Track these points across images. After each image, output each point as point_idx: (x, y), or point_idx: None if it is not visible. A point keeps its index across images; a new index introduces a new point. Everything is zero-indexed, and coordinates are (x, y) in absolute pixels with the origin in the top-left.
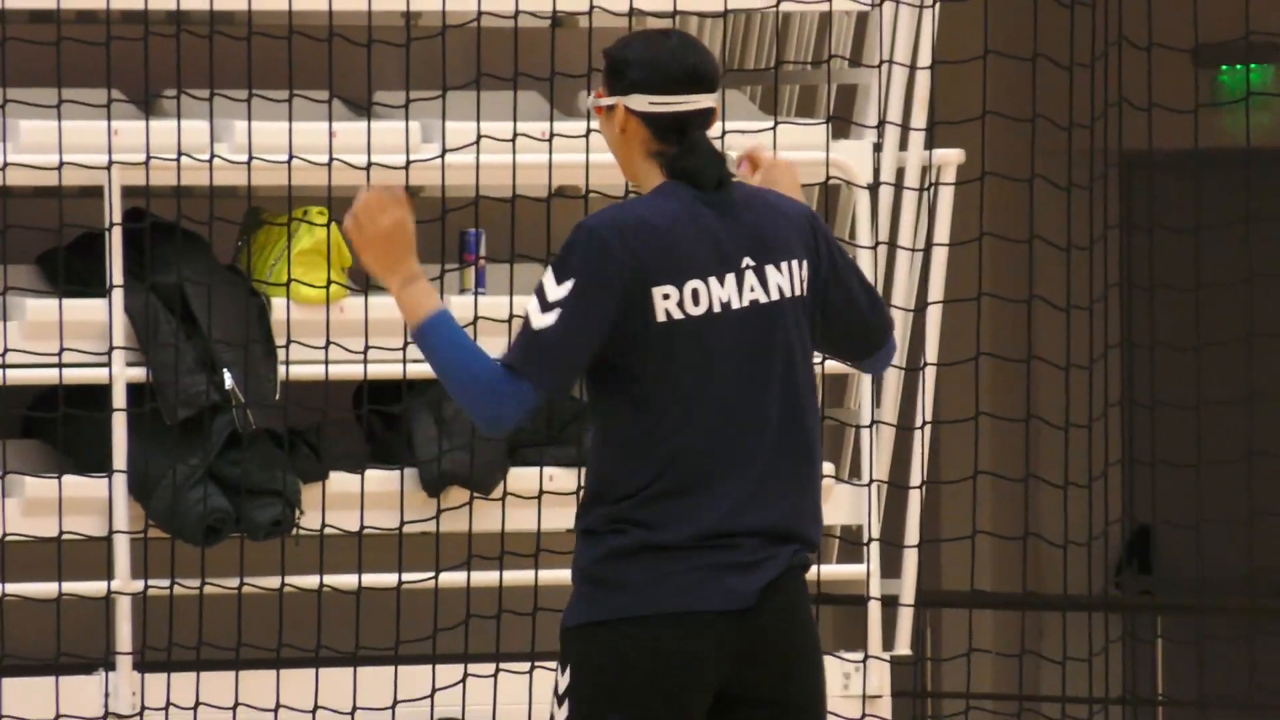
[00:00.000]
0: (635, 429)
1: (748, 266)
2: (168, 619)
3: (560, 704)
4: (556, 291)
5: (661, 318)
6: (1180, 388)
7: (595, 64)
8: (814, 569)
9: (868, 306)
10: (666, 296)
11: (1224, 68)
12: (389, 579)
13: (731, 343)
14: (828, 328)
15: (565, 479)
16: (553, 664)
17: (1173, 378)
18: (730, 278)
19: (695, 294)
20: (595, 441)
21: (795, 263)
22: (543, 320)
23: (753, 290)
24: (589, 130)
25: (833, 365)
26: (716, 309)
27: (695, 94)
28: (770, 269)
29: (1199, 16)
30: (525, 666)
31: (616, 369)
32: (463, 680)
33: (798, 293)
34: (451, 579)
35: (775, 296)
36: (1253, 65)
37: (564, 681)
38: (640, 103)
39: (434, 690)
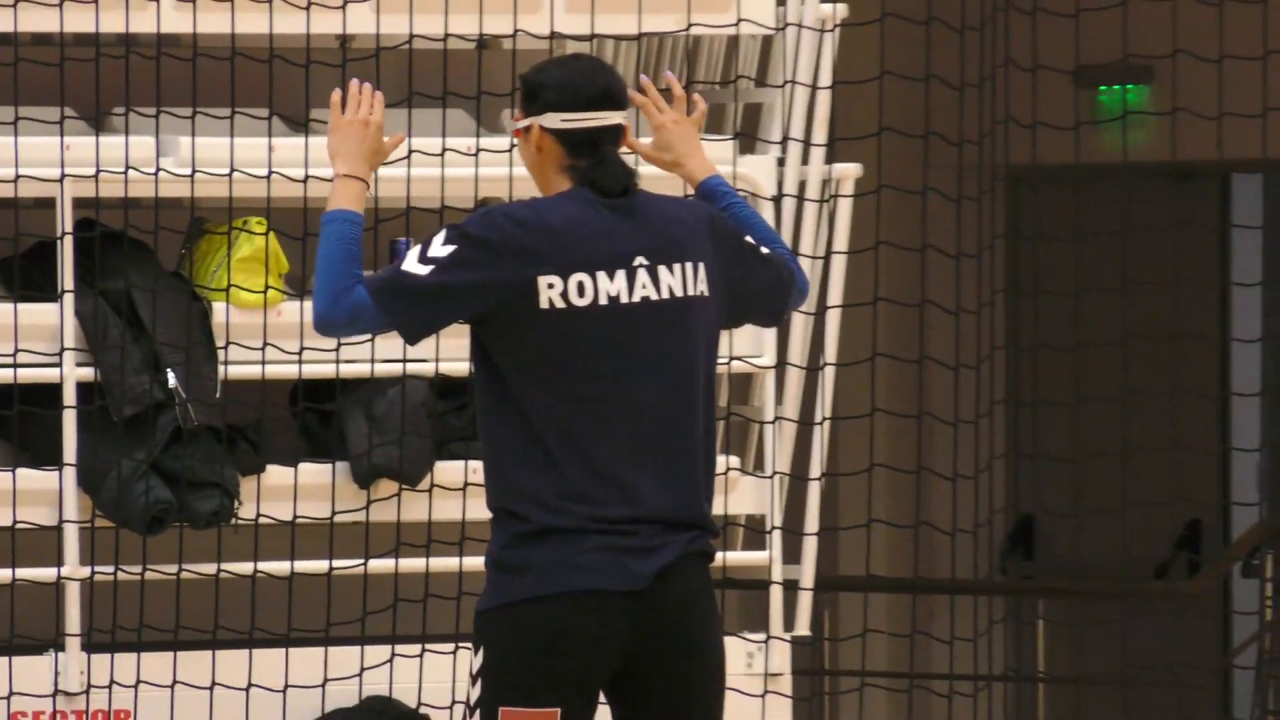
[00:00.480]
0: (529, 419)
1: (640, 265)
2: (112, 603)
3: (474, 683)
4: (438, 250)
5: (545, 305)
6: (1060, 387)
7: (518, 84)
8: (720, 555)
9: (772, 285)
10: (551, 286)
11: (1103, 88)
12: (320, 565)
13: (621, 334)
14: (741, 313)
15: None
16: (448, 646)
17: (1054, 377)
18: (620, 274)
19: (580, 286)
20: (489, 434)
21: (691, 265)
22: (414, 268)
23: (644, 287)
24: (512, 146)
25: (739, 365)
26: (603, 301)
27: (605, 111)
28: (663, 269)
29: (1079, 40)
30: (450, 647)
31: (507, 357)
32: (390, 660)
33: (693, 292)
34: (380, 565)
35: (667, 295)
36: (1129, 86)
37: (477, 662)
38: (554, 120)
39: (362, 670)
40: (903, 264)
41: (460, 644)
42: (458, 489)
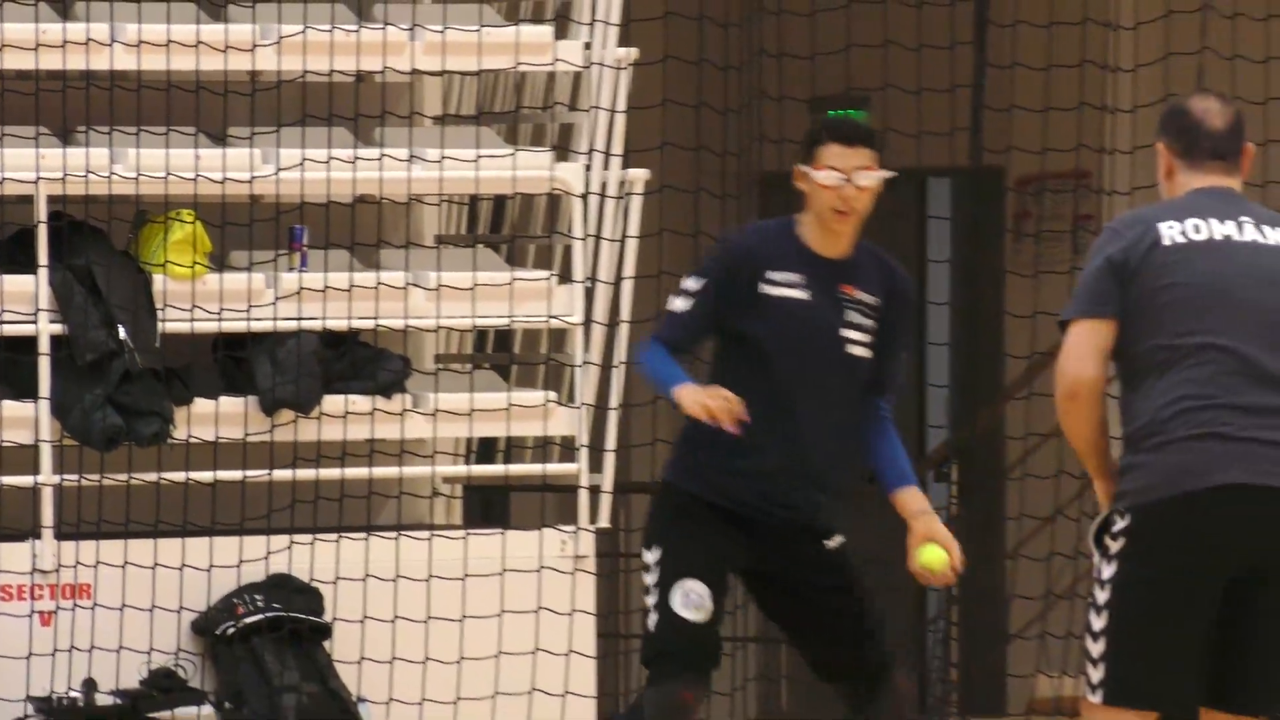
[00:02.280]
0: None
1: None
2: (77, 503)
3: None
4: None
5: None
6: None
7: (389, 108)
8: (541, 466)
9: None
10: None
11: (830, 112)
12: (236, 475)
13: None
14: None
15: (363, 404)
16: (333, 536)
17: None
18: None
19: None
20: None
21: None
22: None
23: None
24: (382, 155)
25: (555, 322)
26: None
27: None
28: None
29: (815, 76)
30: (334, 536)
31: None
32: (289, 546)
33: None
34: (281, 474)
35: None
36: (851, 110)
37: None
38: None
39: (268, 554)
40: (680, 246)
41: (344, 533)
42: (339, 416)
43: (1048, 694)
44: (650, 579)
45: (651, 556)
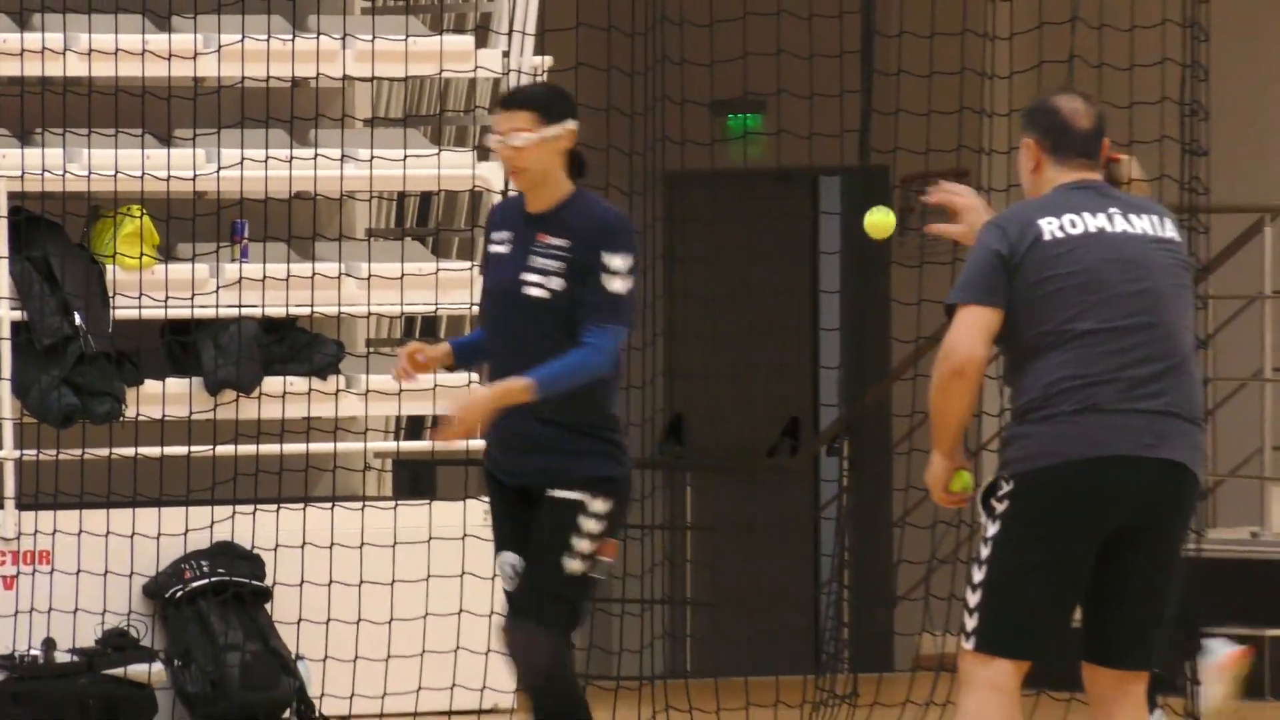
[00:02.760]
0: None
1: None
2: (36, 476)
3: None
4: (628, 262)
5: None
6: (702, 324)
7: (322, 111)
8: (466, 443)
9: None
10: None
11: (730, 115)
12: (181, 450)
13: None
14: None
15: (300, 385)
16: (273, 507)
17: (698, 317)
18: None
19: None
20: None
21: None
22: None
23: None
24: (316, 154)
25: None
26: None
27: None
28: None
29: (713, 82)
30: (274, 506)
31: None
32: (232, 516)
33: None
34: (224, 450)
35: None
36: (749, 114)
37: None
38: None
39: (212, 523)
40: None
41: (283, 504)
42: (278, 396)
43: (931, 651)
44: None
45: None
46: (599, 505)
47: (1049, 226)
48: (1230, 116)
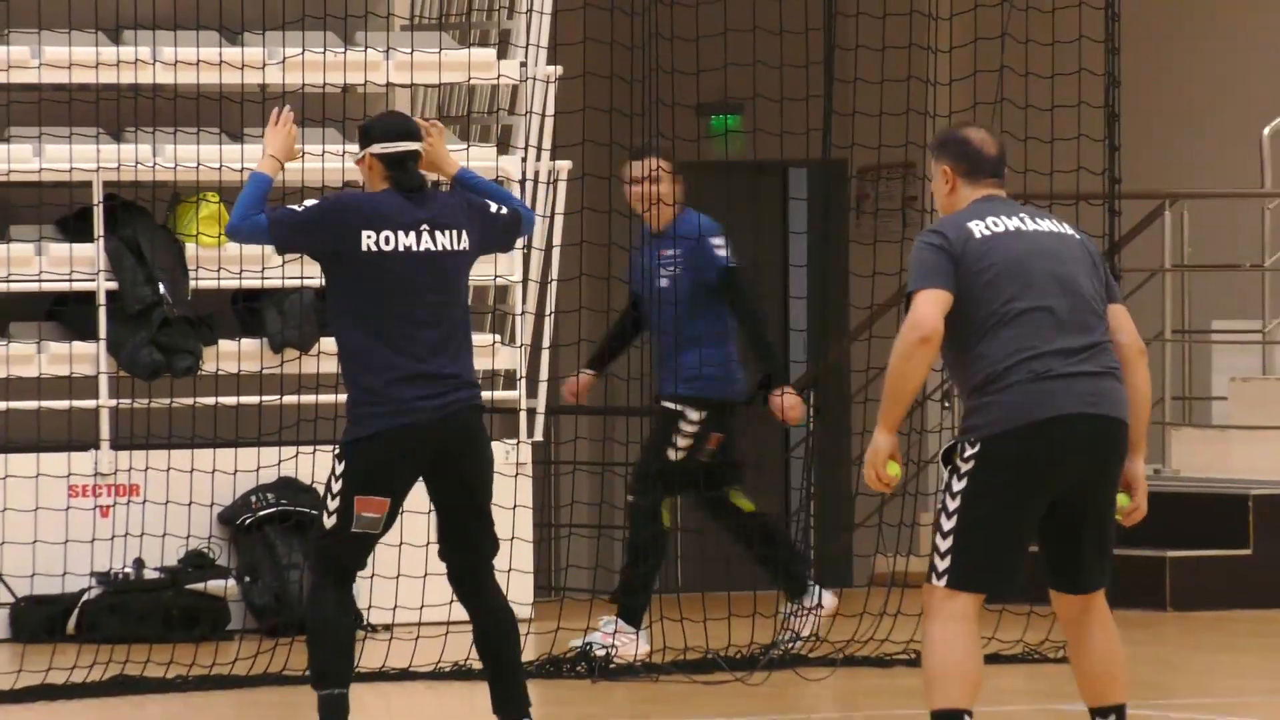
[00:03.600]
0: (359, 328)
1: (424, 229)
2: (131, 420)
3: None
4: (306, 205)
5: (364, 249)
6: None
7: (368, 112)
8: (490, 393)
9: (507, 229)
10: (369, 237)
11: (714, 116)
12: (254, 399)
13: (413, 268)
14: (490, 249)
15: None
16: (328, 447)
17: None
18: (413, 233)
19: (387, 238)
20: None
21: (456, 231)
22: (294, 210)
23: (426, 242)
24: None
25: (500, 279)
26: (401, 249)
27: (407, 142)
28: (438, 233)
29: (700, 88)
30: (330, 448)
31: (338, 285)
32: (295, 456)
33: (457, 247)
34: (289, 399)
35: (439, 247)
36: (729, 115)
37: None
38: (378, 149)
39: (279, 462)
40: (597, 221)
41: (336, 445)
42: (332, 354)
43: (884, 570)
44: None
45: None
46: (338, 468)
47: (977, 227)
48: (1138, 117)
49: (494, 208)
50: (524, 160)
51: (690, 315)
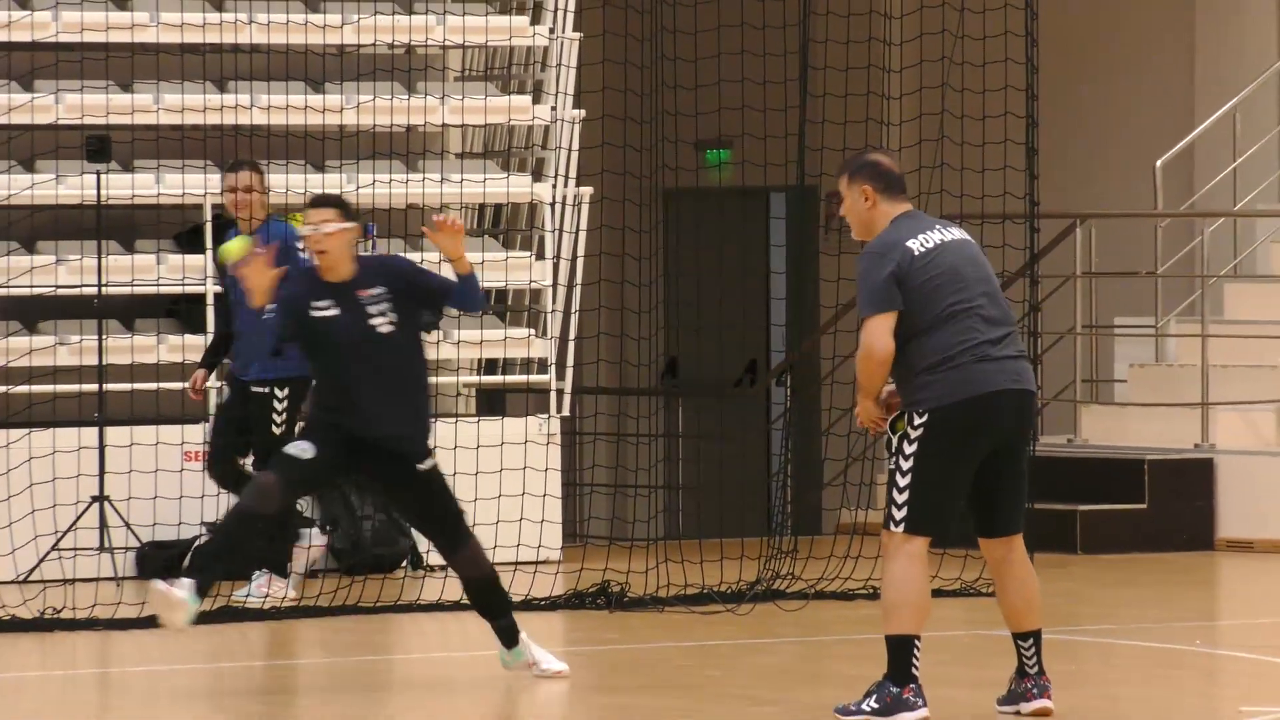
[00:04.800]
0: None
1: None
2: None
3: None
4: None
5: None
6: (691, 292)
7: (428, 148)
8: (526, 377)
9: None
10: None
11: (709, 150)
12: None
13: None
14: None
15: None
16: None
17: (688, 288)
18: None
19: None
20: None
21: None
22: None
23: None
24: (424, 178)
25: (534, 285)
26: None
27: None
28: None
29: (697, 127)
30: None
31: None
32: None
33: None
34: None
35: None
36: (722, 149)
37: None
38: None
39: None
40: (613, 237)
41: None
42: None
43: (848, 521)
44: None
45: None
46: None
47: (914, 245)
48: (1054, 151)
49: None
50: (554, 186)
51: None
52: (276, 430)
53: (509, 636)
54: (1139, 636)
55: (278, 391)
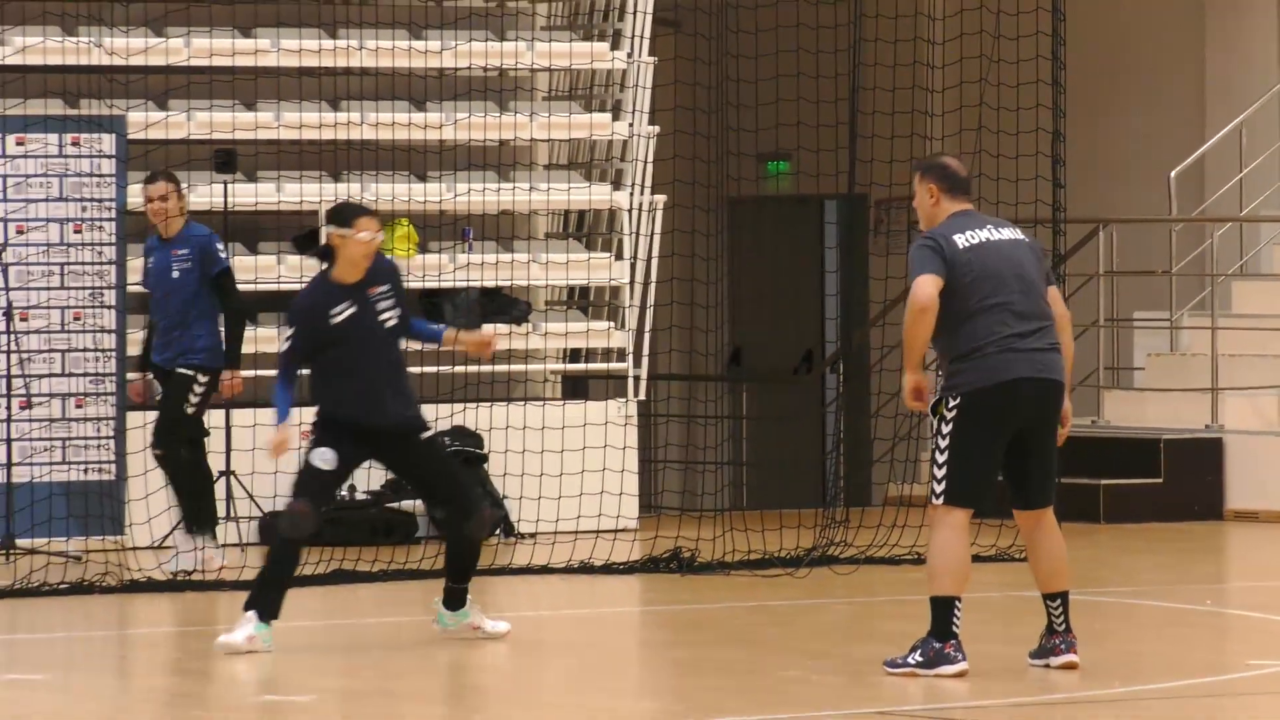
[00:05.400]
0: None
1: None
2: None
3: None
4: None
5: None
6: (754, 289)
7: (518, 160)
8: (607, 365)
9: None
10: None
11: (769, 162)
12: (433, 368)
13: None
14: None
15: (505, 329)
16: (488, 404)
17: (752, 289)
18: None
19: (338, 313)
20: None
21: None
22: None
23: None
24: (514, 188)
25: (613, 282)
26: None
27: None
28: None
29: (758, 141)
30: (489, 405)
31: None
32: (463, 409)
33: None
34: (460, 369)
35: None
36: (781, 161)
37: None
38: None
39: (451, 414)
40: (683, 239)
41: (494, 402)
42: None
43: (895, 494)
44: None
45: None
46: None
47: (960, 239)
48: (1080, 162)
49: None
50: (630, 195)
51: (195, 301)
52: (189, 411)
53: (460, 600)
54: (1156, 597)
55: (200, 377)
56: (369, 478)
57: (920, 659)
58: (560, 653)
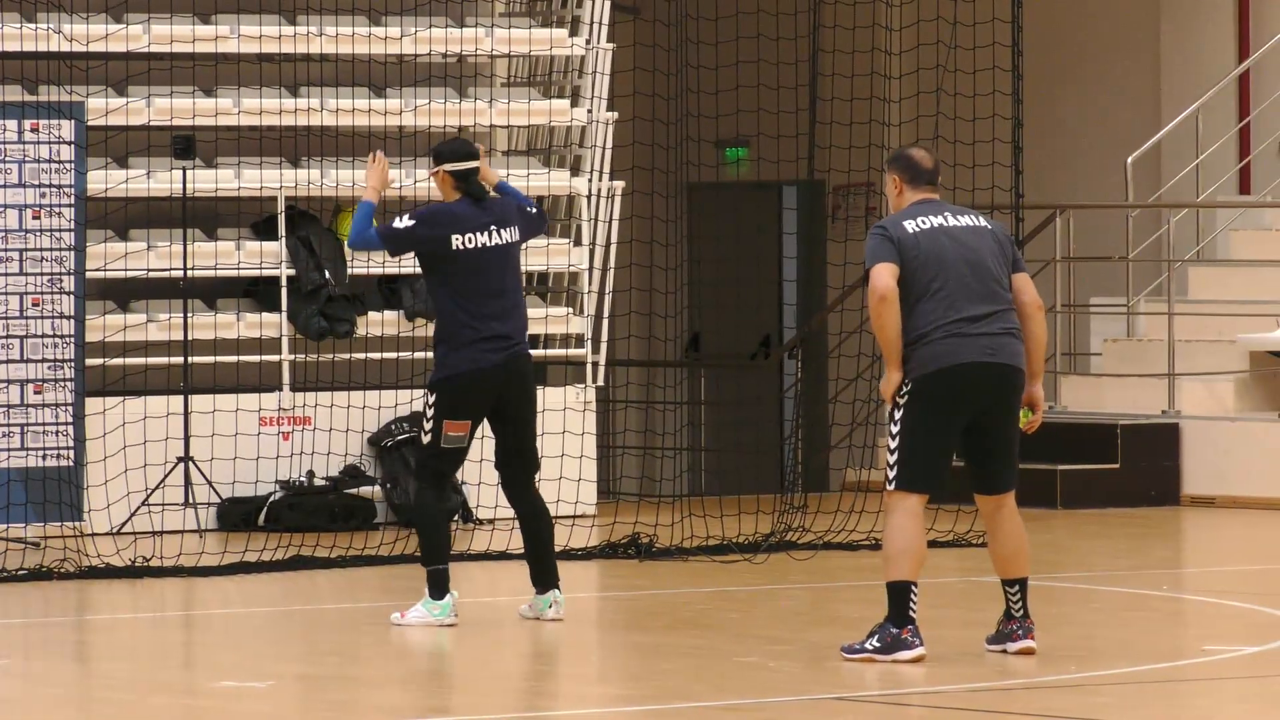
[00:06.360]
0: (455, 302)
1: (492, 228)
2: (304, 369)
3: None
4: (408, 222)
5: (453, 248)
6: (713, 275)
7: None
8: (565, 350)
9: (537, 224)
10: (456, 239)
11: (728, 148)
12: (391, 354)
13: (489, 258)
14: (530, 237)
15: None
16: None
17: (710, 271)
18: (485, 232)
19: (470, 238)
20: (437, 307)
21: (511, 227)
22: (398, 225)
23: (496, 238)
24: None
25: (572, 267)
26: (478, 245)
27: (470, 161)
28: (503, 229)
29: (717, 128)
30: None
31: (436, 274)
32: (424, 395)
33: (513, 239)
34: (418, 355)
35: (503, 240)
36: (739, 147)
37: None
38: (450, 167)
39: (410, 400)
40: (642, 226)
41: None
42: None
43: (852, 479)
44: None
45: None
46: (430, 398)
47: (909, 225)
48: (1037, 148)
49: (529, 208)
50: (589, 181)
51: None
52: None
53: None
54: (1113, 582)
55: None
56: (326, 465)
57: (878, 644)
58: (519, 638)
